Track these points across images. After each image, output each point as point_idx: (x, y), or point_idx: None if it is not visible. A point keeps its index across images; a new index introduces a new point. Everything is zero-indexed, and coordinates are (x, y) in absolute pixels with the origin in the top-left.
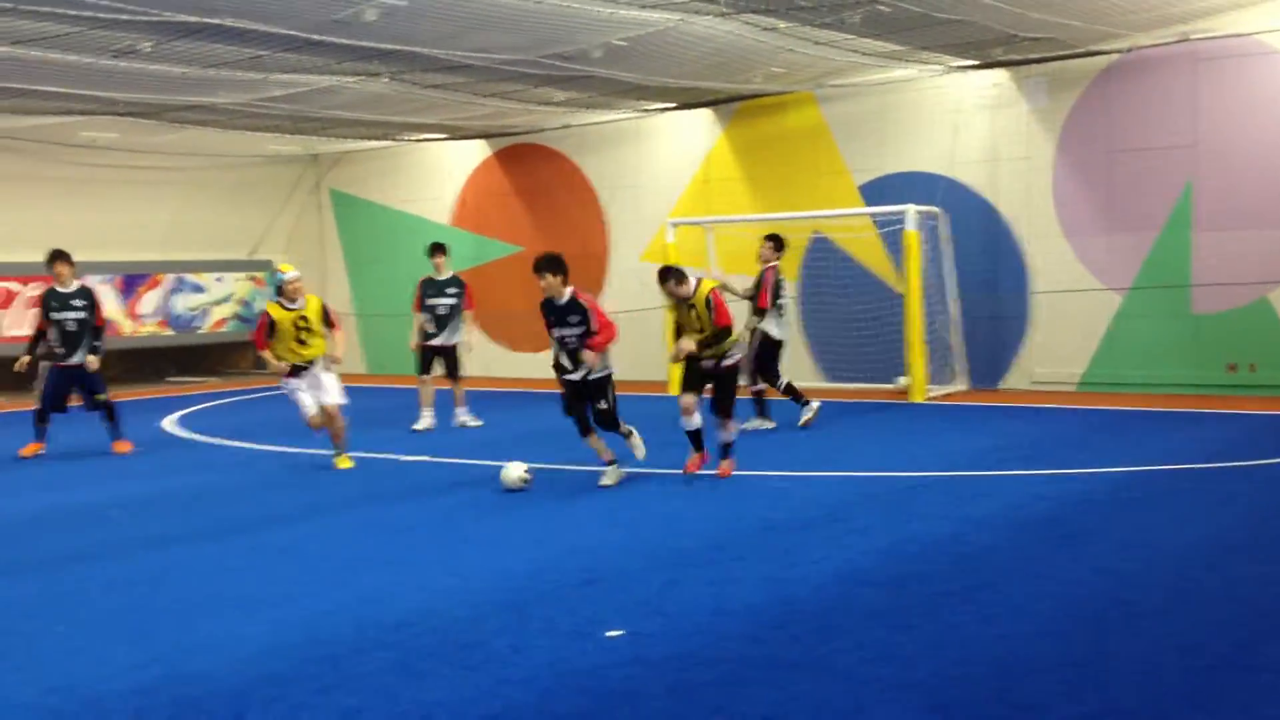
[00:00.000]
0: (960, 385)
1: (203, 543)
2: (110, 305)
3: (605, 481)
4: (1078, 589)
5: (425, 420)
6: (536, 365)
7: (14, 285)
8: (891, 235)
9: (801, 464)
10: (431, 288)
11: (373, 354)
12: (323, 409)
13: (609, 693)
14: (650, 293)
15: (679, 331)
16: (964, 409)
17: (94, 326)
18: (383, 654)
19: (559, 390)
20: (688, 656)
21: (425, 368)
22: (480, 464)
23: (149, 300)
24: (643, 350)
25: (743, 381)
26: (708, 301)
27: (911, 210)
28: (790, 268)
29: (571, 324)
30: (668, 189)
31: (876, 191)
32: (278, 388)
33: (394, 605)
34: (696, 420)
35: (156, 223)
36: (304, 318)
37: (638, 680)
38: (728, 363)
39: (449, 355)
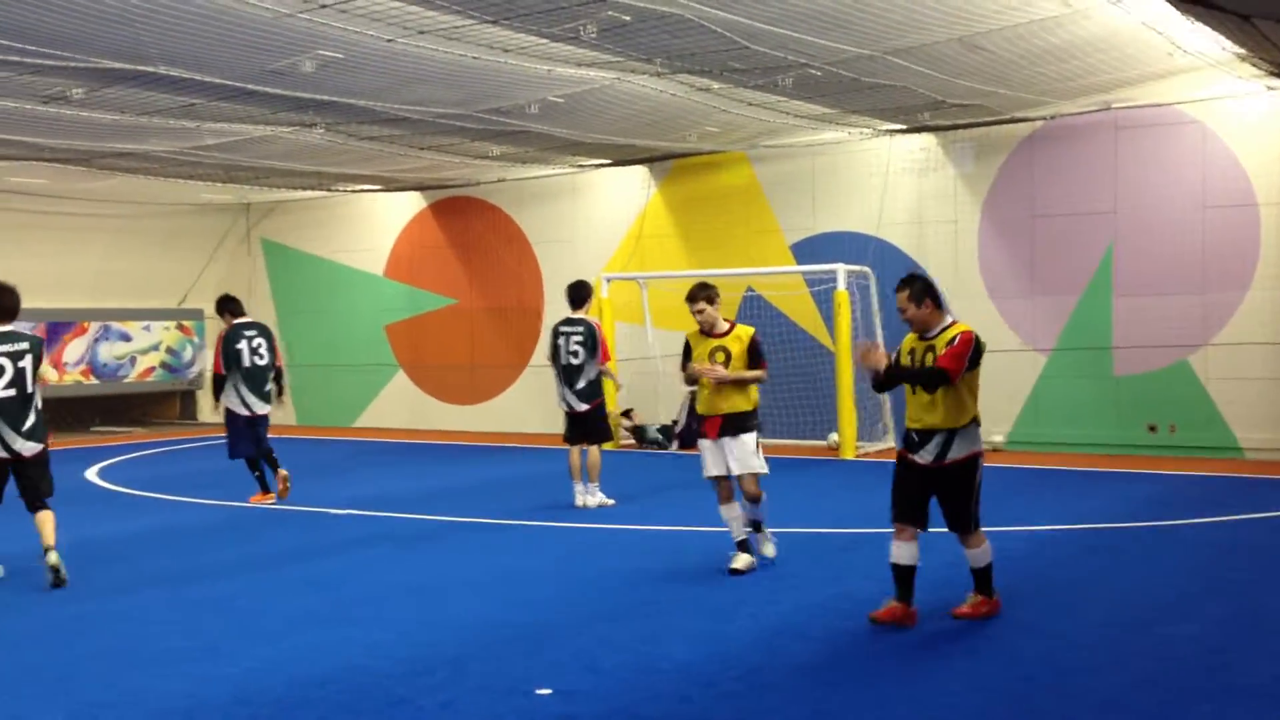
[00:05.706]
0: (891, 443)
1: (124, 596)
2: None
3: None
4: (1006, 647)
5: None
6: (471, 417)
7: None
8: (822, 294)
9: None
10: None
11: (302, 405)
12: None
13: None
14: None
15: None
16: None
17: None
18: (306, 713)
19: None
20: (618, 714)
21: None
22: (411, 518)
23: (74, 348)
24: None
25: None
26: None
27: (841, 269)
28: None
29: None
30: (602, 244)
31: (808, 250)
32: (203, 439)
33: (321, 662)
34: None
35: (83, 270)
36: None
37: None
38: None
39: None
